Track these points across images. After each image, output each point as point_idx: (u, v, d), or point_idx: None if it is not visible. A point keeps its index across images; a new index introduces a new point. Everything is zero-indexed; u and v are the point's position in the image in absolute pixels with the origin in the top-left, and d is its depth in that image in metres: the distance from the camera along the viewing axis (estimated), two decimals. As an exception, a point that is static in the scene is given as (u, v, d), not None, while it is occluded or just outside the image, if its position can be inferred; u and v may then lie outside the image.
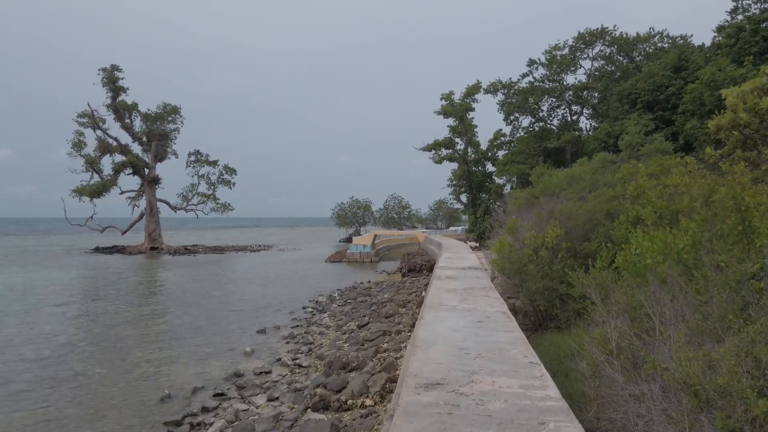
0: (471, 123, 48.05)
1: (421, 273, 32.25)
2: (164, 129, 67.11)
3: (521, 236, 14.84)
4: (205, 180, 71.95)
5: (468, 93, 46.40)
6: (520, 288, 14.32)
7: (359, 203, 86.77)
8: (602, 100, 42.54)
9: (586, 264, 13.70)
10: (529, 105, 44.37)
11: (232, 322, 20.50)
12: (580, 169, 19.09)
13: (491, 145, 48.71)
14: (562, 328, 12.72)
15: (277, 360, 14.86)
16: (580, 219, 14.40)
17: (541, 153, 41.90)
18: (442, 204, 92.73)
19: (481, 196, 47.74)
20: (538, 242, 13.62)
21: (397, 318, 18.39)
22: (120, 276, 37.17)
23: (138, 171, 64.07)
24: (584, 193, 17.14)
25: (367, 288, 28.91)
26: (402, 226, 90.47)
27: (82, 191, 58.44)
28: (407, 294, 24.00)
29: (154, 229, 64.27)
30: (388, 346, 14.36)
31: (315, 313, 22.47)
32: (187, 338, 17.77)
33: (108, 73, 63.45)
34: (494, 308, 9.47)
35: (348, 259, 48.63)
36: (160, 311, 23.11)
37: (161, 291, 29.72)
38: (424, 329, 7.62)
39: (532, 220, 15.80)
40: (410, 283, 28.50)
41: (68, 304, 24.89)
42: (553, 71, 43.12)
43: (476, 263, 18.24)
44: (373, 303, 22.58)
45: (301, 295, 27.84)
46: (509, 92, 45.25)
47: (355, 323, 19.20)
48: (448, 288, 11.97)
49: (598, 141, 35.28)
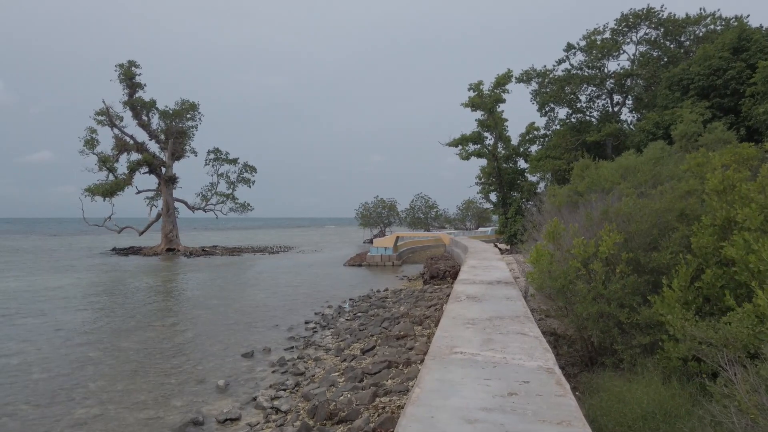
0: (501, 116, 44.39)
1: (445, 280, 28.90)
2: (182, 126, 65.11)
3: (565, 243, 11.44)
4: (224, 179, 69.83)
5: (498, 83, 42.72)
6: (566, 312, 10.92)
7: (384, 203, 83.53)
8: (648, 89, 38.39)
9: (654, 282, 10.29)
10: (565, 95, 40.47)
11: (218, 341, 17.51)
12: (636, 160, 15.49)
13: (523, 139, 44.93)
14: (625, 368, 9.34)
15: (252, 400, 11.72)
16: (644, 222, 10.87)
17: (579, 147, 38.10)
18: (471, 203, 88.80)
19: (513, 195, 44.03)
20: (588, 252, 10.20)
21: (409, 341, 15.11)
22: (121, 282, 34.78)
23: (154, 170, 62.08)
24: (645, 188, 13.60)
25: (383, 298, 25.68)
26: (429, 227, 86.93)
27: (95, 191, 56.59)
28: (425, 308, 20.69)
29: (170, 230, 62.24)
30: (392, 385, 11.12)
31: (317, 329, 19.35)
32: (153, 365, 14.77)
33: (125, 69, 61.64)
34: (535, 361, 6.14)
35: (368, 262, 45.45)
36: (137, 326, 20.23)
37: (153, 300, 26.97)
38: (416, 415, 4.39)
39: (580, 223, 12.36)
40: (431, 292, 25.16)
41: (45, 314, 22.35)
42: (592, 57, 39.11)
43: (506, 274, 14.82)
44: (385, 318, 19.33)
45: (309, 304, 24.81)
46: (544, 81, 41.41)
47: (359, 345, 16.01)
48: (467, 317, 8.65)
49: (645, 132, 31.41)
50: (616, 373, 9.27)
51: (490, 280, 13.30)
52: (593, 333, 10.09)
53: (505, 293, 11.34)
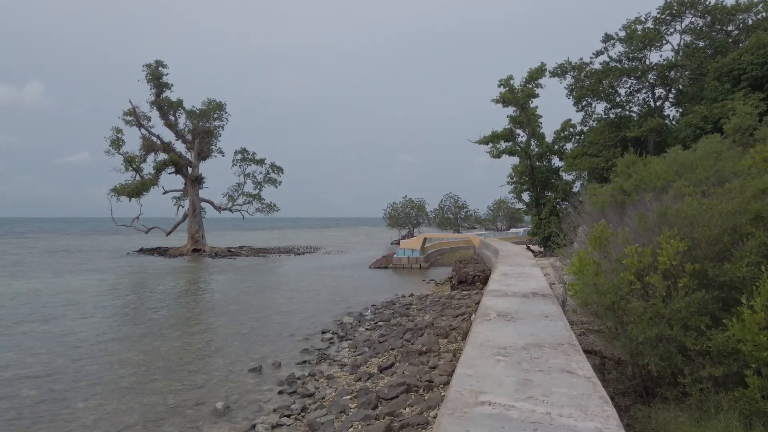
0: (534, 112, 42.27)
1: (474, 285, 27.15)
2: (209, 126, 64.68)
3: (614, 251, 9.75)
4: (251, 179, 69.24)
5: (531, 77, 40.58)
6: (616, 334, 9.19)
7: (412, 203, 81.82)
8: (694, 81, 35.83)
9: (724, 299, 8.52)
10: (603, 88, 38.17)
11: (227, 354, 16.22)
12: (692, 155, 13.56)
13: (558, 137, 42.72)
14: (692, 405, 7.61)
15: (251, 428, 10.30)
16: (712, 227, 9.02)
17: (618, 144, 35.89)
18: (502, 203, 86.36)
19: (546, 195, 41.87)
20: (644, 262, 8.46)
21: (432, 358, 13.51)
22: (140, 285, 34.06)
23: (180, 170, 61.76)
24: (706, 186, 11.71)
25: (407, 305, 24.09)
26: (459, 228, 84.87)
27: (121, 191, 56.49)
28: (452, 317, 19.04)
29: (197, 230, 61.85)
30: (409, 414, 9.57)
31: (334, 340, 17.90)
32: (152, 381, 13.52)
33: (152, 69, 61.52)
34: (590, 420, 4.51)
35: (394, 264, 43.88)
36: (146, 334, 19.12)
37: (168, 305, 25.90)
38: None
39: (630, 227, 10.62)
40: (459, 299, 23.46)
41: (55, 319, 21.50)
42: (633, 47, 36.71)
43: (542, 284, 13.08)
44: (407, 329, 17.75)
45: (328, 311, 23.42)
46: (580, 74, 39.17)
47: (377, 361, 14.50)
48: (497, 344, 7.03)
49: (691, 127, 29.16)
50: (681, 411, 7.53)
51: (524, 292, 11.63)
52: (652, 361, 8.33)
53: (543, 310, 9.67)
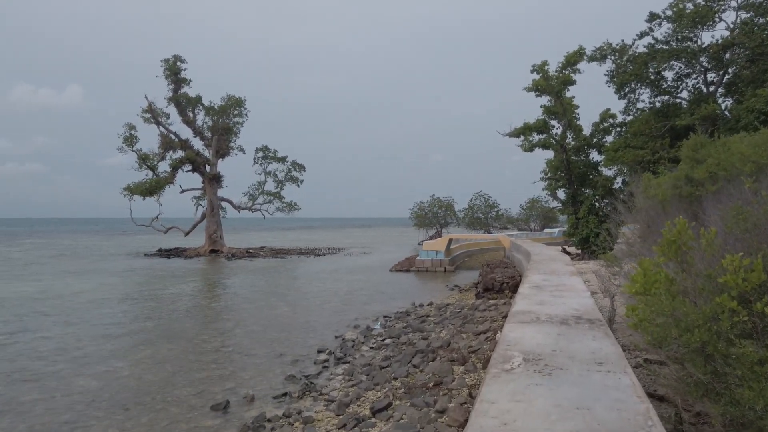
0: (570, 102, 38.59)
1: (501, 294, 23.84)
2: (228, 123, 62.63)
3: (700, 263, 6.51)
4: (272, 177, 67.01)
5: (567, 62, 36.92)
6: (714, 392, 5.90)
7: (440, 202, 78.34)
8: (753, 62, 31.67)
9: None
10: (648, 73, 34.28)
11: (195, 381, 13.40)
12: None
13: (596, 129, 38.86)
14: None
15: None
16: None
17: (666, 134, 32.08)
18: (535, 202, 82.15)
19: (584, 192, 38.14)
20: (754, 281, 5.12)
21: (441, 397, 10.40)
22: (144, 289, 31.78)
23: (197, 168, 59.83)
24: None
25: (423, 317, 20.97)
26: (490, 228, 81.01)
27: (134, 190, 54.77)
28: (473, 334, 15.85)
29: (214, 230, 59.85)
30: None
31: (329, 363, 14.93)
32: (93, 416, 10.78)
33: (170, 64, 59.78)
34: None
35: (417, 267, 40.72)
36: (121, 351, 16.53)
37: (161, 315, 23.26)
38: None
39: (721, 228, 7.34)
40: (483, 310, 20.20)
41: (41, 330, 19.13)
42: (682, 26, 32.73)
43: (587, 302, 9.78)
44: (417, 351, 14.66)
45: (333, 323, 20.51)
46: (621, 58, 35.34)
47: (372, 395, 11.45)
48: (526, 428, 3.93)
49: (754, 113, 25.34)
50: None
51: (563, 316, 8.36)
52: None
53: (594, 350, 6.37)
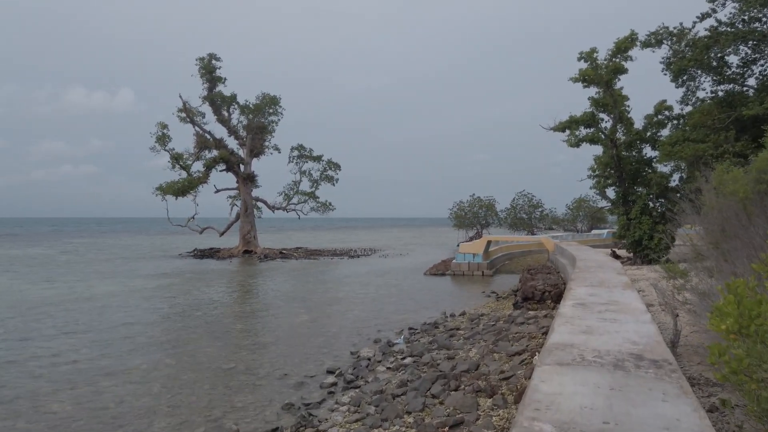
0: (621, 93, 35.46)
1: (543, 304, 21.34)
2: (263, 122, 61.68)
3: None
4: (307, 177, 65.74)
5: (618, 49, 33.81)
6: None
7: (481, 201, 75.41)
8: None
9: None
10: (710, 59, 30.95)
11: (181, 406, 11.61)
12: None
13: (650, 122, 35.57)
14: None
15: None
16: None
17: (730, 126, 28.76)
18: (583, 202, 78.08)
19: (636, 191, 34.94)
20: None
21: (459, 446, 8.27)
22: (165, 293, 30.62)
23: (231, 167, 59.05)
24: None
25: (453, 330, 18.70)
26: (533, 229, 77.55)
27: (166, 190, 54.28)
28: (507, 355, 13.55)
29: (248, 230, 58.94)
30: None
31: (337, 388, 12.93)
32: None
33: (205, 62, 59.22)
34: None
35: (453, 271, 38.31)
36: (112, 369, 15.02)
37: (175, 320, 21.82)
38: None
39: None
40: (521, 324, 17.78)
41: (48, 340, 17.92)
42: (749, 5, 29.30)
43: (649, 331, 7.41)
44: (439, 375, 12.50)
45: (352, 336, 18.50)
46: (679, 43, 32.08)
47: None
48: None
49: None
50: None
51: (617, 355, 6.01)
52: None
53: (667, 422, 4.09)
